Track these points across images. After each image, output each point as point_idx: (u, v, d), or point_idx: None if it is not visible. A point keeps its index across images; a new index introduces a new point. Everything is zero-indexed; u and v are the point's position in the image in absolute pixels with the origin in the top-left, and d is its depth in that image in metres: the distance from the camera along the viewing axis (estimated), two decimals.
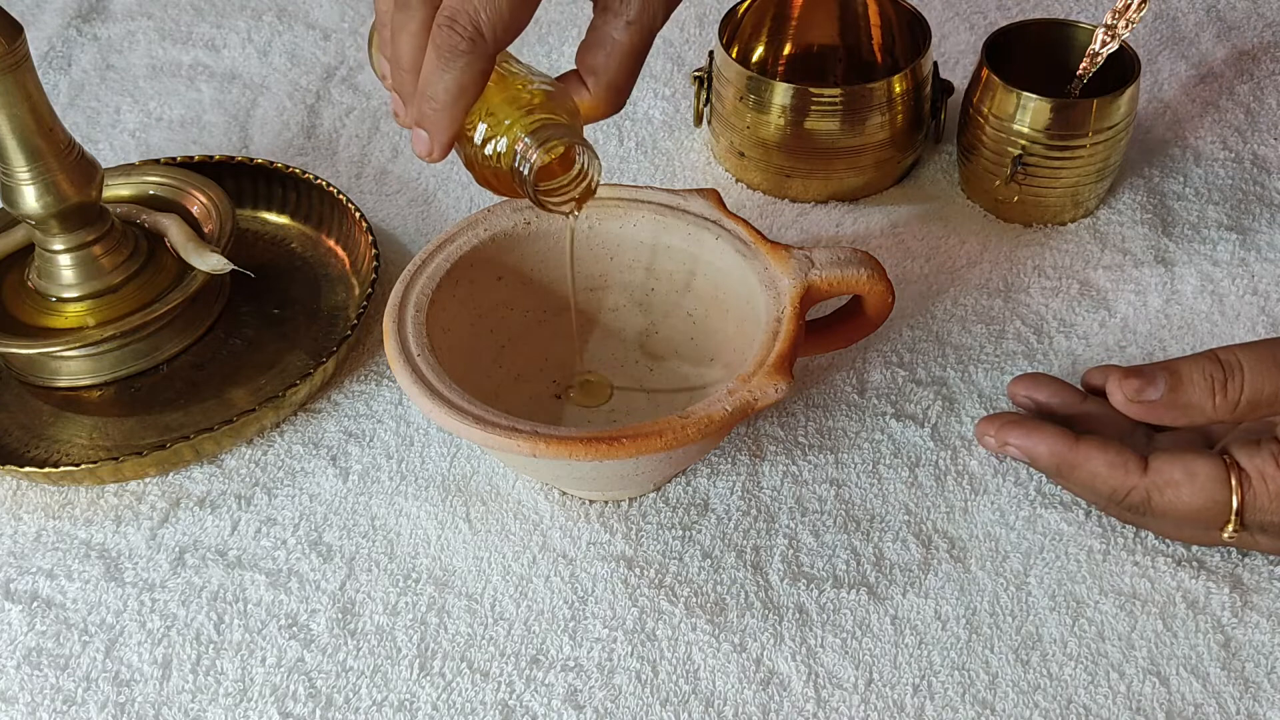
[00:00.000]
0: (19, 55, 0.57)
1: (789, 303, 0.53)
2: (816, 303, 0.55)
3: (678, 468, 0.58)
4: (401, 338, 0.54)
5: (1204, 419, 0.52)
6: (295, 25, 0.91)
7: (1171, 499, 0.52)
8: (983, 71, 0.69)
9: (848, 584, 0.55)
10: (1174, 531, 0.55)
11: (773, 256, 0.55)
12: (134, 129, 0.83)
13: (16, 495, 0.61)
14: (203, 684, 0.53)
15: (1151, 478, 0.52)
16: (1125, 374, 0.53)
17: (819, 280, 0.54)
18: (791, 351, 0.52)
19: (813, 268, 0.54)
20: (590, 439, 0.49)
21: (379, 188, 0.77)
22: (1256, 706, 0.50)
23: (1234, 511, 0.51)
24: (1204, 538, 0.54)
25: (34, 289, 0.64)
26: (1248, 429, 0.54)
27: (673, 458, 0.53)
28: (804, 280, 0.54)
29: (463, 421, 0.50)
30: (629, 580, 0.55)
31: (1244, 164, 0.75)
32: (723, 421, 0.50)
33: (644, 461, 0.52)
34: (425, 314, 0.55)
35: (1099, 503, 0.55)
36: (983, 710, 0.51)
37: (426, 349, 0.53)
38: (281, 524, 0.59)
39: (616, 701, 0.52)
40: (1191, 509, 0.52)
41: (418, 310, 0.55)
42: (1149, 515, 0.53)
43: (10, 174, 0.60)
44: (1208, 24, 0.87)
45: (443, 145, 0.50)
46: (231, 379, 0.65)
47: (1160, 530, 0.55)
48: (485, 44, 0.47)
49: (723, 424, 0.50)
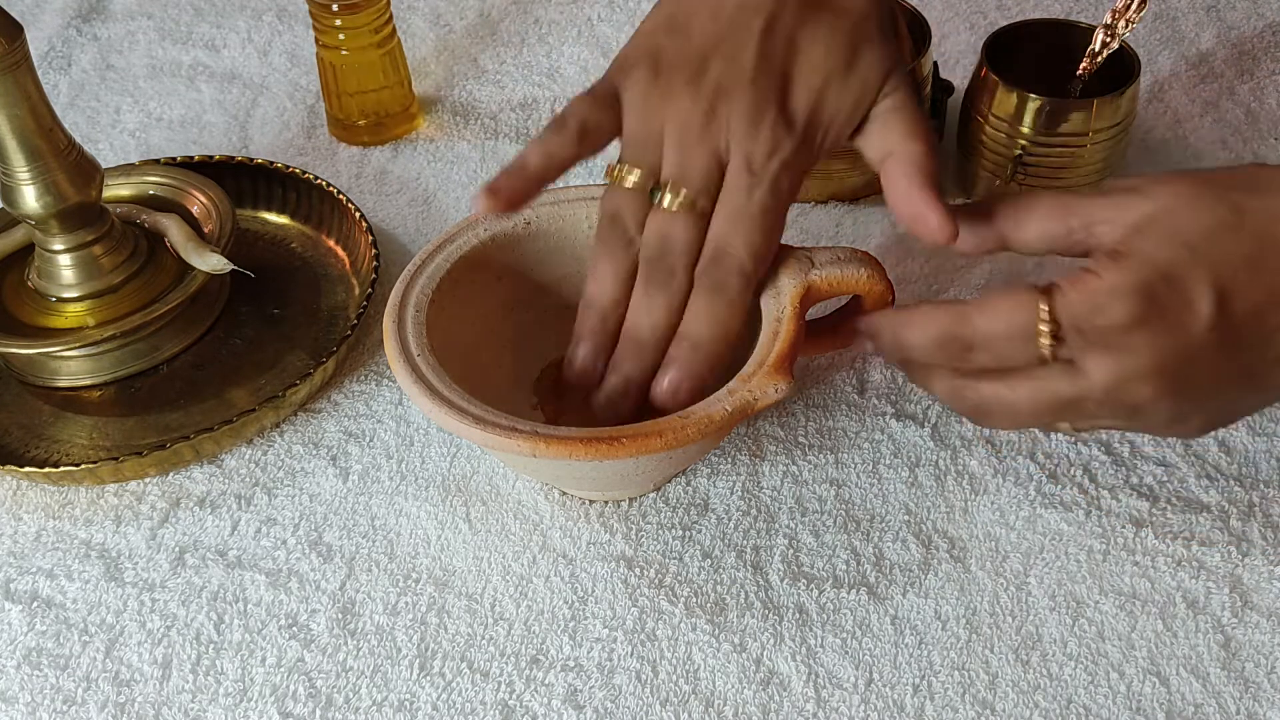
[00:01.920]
0: (19, 55, 0.57)
1: (789, 302, 0.53)
2: (817, 302, 0.55)
3: (678, 467, 0.58)
4: (401, 338, 0.54)
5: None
6: (295, 25, 0.91)
7: (990, 316, 0.48)
8: (983, 71, 0.69)
9: (848, 584, 0.55)
10: (998, 364, 0.49)
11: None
12: (134, 129, 0.83)
13: (16, 495, 0.61)
14: (203, 684, 0.53)
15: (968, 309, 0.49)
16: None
17: (819, 280, 0.54)
18: (791, 351, 0.52)
19: (813, 268, 0.54)
20: (590, 439, 0.49)
21: (379, 188, 0.77)
22: (1256, 706, 0.50)
23: (1044, 311, 0.47)
24: (1023, 353, 0.48)
25: (34, 289, 0.64)
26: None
27: (672, 458, 0.53)
28: (804, 280, 0.54)
29: (462, 421, 0.50)
30: (629, 580, 0.55)
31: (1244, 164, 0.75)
32: (722, 421, 0.50)
33: (644, 461, 0.52)
34: (425, 314, 0.55)
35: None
36: (983, 710, 0.51)
37: (426, 349, 0.53)
38: (281, 524, 0.59)
39: (616, 701, 0.52)
40: (1001, 314, 0.48)
41: (418, 310, 0.55)
42: (973, 349, 0.49)
43: (10, 174, 0.60)
44: (1208, 24, 0.87)
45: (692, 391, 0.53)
46: (231, 379, 0.65)
47: (999, 400, 0.50)
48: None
49: (722, 424, 0.50)
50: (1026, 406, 0.49)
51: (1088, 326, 0.46)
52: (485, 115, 0.82)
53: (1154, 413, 0.48)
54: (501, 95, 0.84)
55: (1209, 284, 0.46)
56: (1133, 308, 0.46)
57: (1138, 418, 0.49)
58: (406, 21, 0.90)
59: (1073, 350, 0.47)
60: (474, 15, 0.91)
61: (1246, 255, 0.46)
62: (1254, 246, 0.46)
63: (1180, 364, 0.46)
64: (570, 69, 0.86)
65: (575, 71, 0.86)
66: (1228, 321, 0.46)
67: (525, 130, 0.81)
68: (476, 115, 0.82)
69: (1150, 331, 0.46)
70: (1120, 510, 0.57)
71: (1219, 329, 0.46)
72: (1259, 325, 0.46)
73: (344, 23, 0.75)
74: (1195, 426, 0.50)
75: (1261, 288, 0.46)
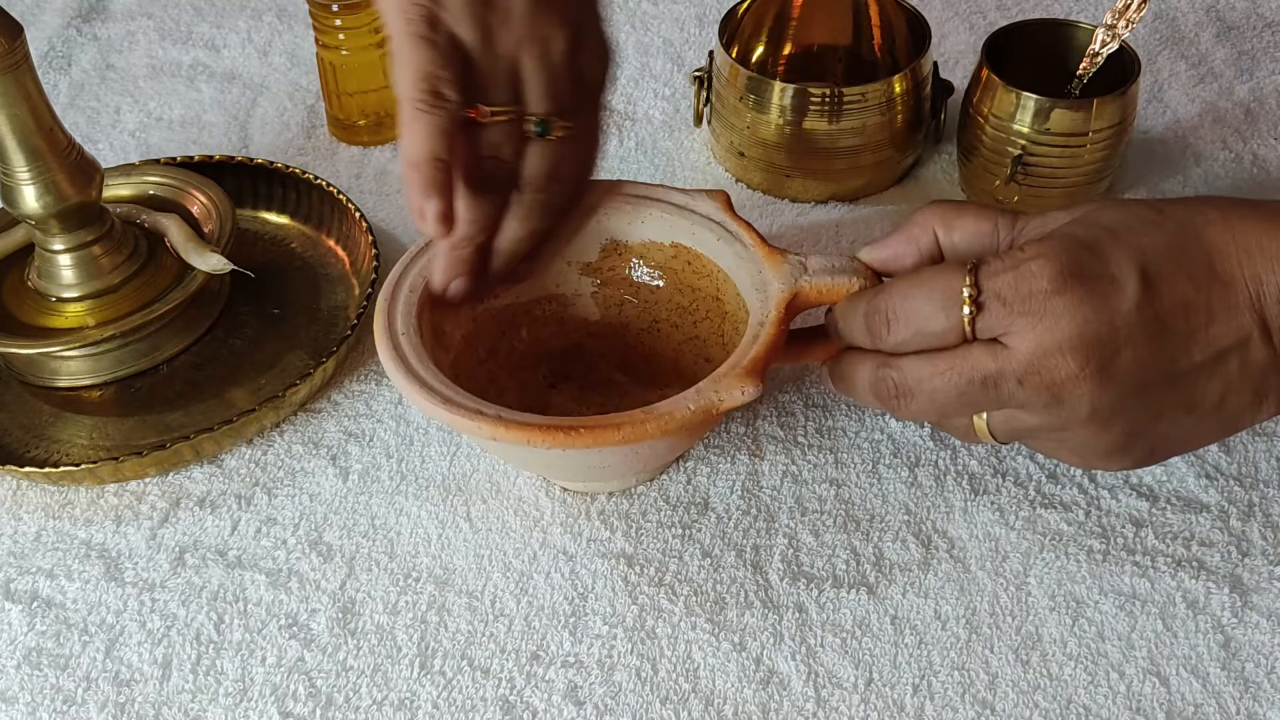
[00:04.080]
0: (19, 55, 0.57)
1: (774, 307, 0.53)
2: (804, 310, 0.54)
3: (658, 462, 0.58)
4: (390, 316, 0.54)
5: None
6: (295, 25, 0.91)
7: (913, 283, 0.49)
8: (983, 71, 0.69)
9: (847, 584, 0.55)
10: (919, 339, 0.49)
11: (767, 260, 0.55)
12: (134, 129, 0.83)
13: (16, 495, 0.61)
14: (203, 684, 0.53)
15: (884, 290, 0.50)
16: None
17: (808, 287, 0.54)
18: (767, 357, 0.52)
19: (804, 274, 0.54)
20: (549, 427, 0.49)
21: (379, 188, 0.77)
22: (1256, 706, 0.50)
23: (968, 280, 0.47)
24: (943, 322, 0.48)
25: (34, 289, 0.64)
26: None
27: (639, 452, 0.53)
28: (793, 286, 0.54)
29: (431, 400, 0.51)
30: (629, 578, 0.55)
31: (1244, 164, 0.75)
32: (684, 420, 0.50)
33: (607, 453, 0.52)
34: (419, 295, 0.55)
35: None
36: (983, 710, 0.51)
37: (414, 329, 0.54)
38: (281, 524, 0.59)
39: (616, 698, 0.52)
40: (924, 282, 0.48)
41: (411, 290, 0.55)
42: (897, 319, 0.49)
43: (10, 174, 0.60)
44: (1208, 24, 0.87)
45: None
46: (231, 379, 0.65)
47: (919, 378, 0.49)
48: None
49: (684, 422, 0.50)
50: (945, 383, 0.48)
51: (1010, 293, 0.46)
52: None
53: (1076, 400, 0.46)
54: None
55: (1134, 264, 0.46)
56: (1056, 272, 0.46)
57: (1060, 406, 0.47)
58: None
59: (993, 320, 0.47)
60: None
61: (1169, 244, 0.47)
62: (1176, 237, 0.47)
63: (1104, 339, 0.46)
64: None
65: None
66: (1153, 306, 0.46)
67: None
68: None
69: (1073, 297, 0.45)
70: (1120, 510, 0.57)
71: (1144, 310, 0.46)
72: (1185, 319, 0.46)
73: (344, 23, 0.75)
74: (1118, 440, 0.48)
75: (1185, 278, 0.46)
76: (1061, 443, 0.50)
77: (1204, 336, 0.46)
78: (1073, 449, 0.50)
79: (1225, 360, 0.47)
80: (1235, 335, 0.46)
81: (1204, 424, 0.48)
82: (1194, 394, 0.47)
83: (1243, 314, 0.46)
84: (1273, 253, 0.46)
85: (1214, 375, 0.47)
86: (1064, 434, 0.49)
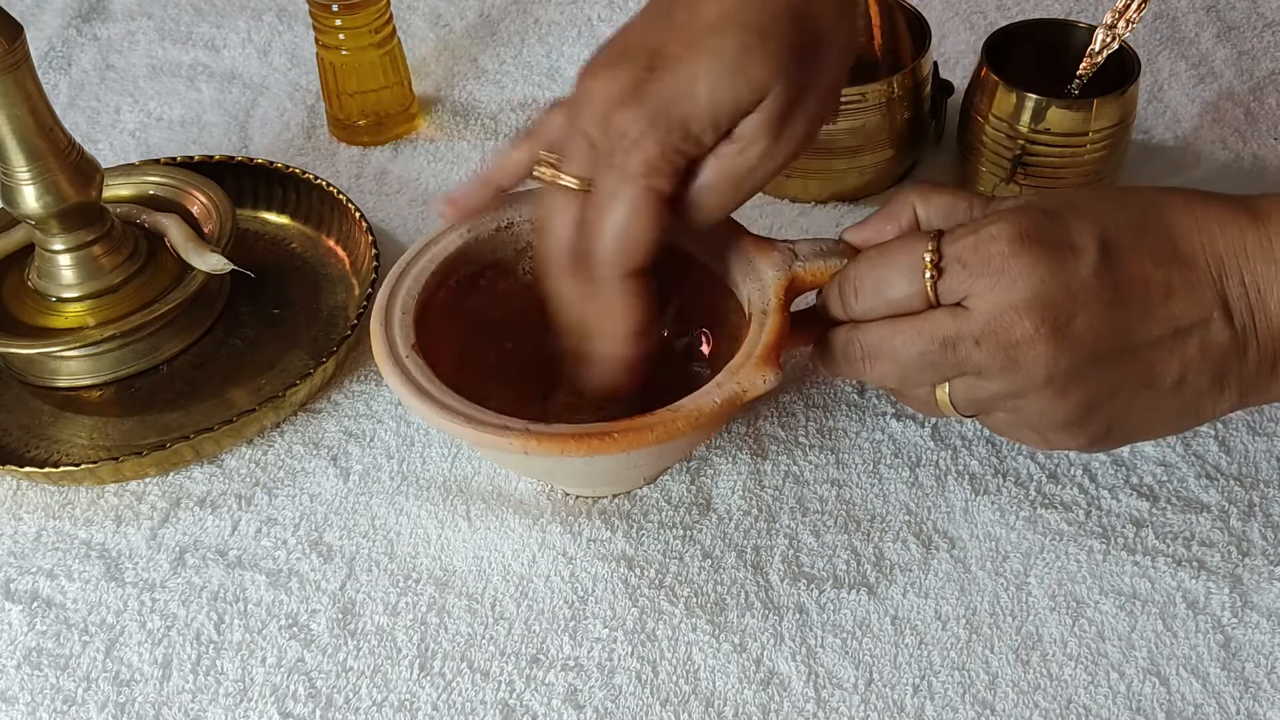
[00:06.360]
0: (19, 55, 0.57)
1: (774, 295, 0.54)
2: (801, 294, 0.55)
3: (669, 461, 0.58)
4: (389, 339, 0.54)
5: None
6: (295, 25, 0.91)
7: (879, 252, 0.50)
8: (983, 71, 0.69)
9: (848, 584, 0.55)
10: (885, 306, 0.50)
11: (757, 251, 0.56)
12: (134, 129, 0.83)
13: (16, 495, 0.61)
14: (203, 684, 0.53)
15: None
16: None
17: (803, 272, 0.54)
18: (778, 343, 0.52)
19: (796, 260, 0.55)
20: (583, 434, 0.49)
21: (379, 188, 0.77)
22: (1256, 706, 0.50)
23: (930, 246, 0.48)
24: (906, 287, 0.49)
25: (34, 289, 0.64)
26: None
27: (663, 451, 0.53)
28: (788, 272, 0.54)
29: (454, 421, 0.50)
30: (629, 580, 0.55)
31: (1244, 164, 0.75)
32: (712, 414, 0.50)
33: (636, 456, 0.52)
34: (412, 315, 0.55)
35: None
36: (983, 710, 0.51)
37: (414, 350, 0.53)
38: (282, 524, 0.59)
39: (616, 701, 0.52)
40: (889, 250, 0.50)
41: (404, 312, 0.55)
42: (864, 287, 0.50)
43: (10, 174, 0.60)
44: (1208, 24, 0.87)
45: None
46: (231, 379, 0.65)
47: (883, 341, 0.50)
48: None
49: (712, 416, 0.50)
50: (906, 344, 0.49)
51: (970, 256, 0.47)
52: (485, 115, 0.82)
53: (1032, 362, 0.46)
54: (501, 95, 0.84)
55: (1094, 233, 0.47)
56: (1015, 235, 0.46)
57: (1016, 369, 0.47)
58: (406, 21, 0.90)
59: (954, 283, 0.47)
60: (474, 15, 0.91)
61: (1132, 221, 0.47)
62: (1139, 216, 0.48)
63: (1059, 301, 0.46)
64: (570, 69, 0.86)
65: (575, 71, 0.85)
66: (1112, 275, 0.46)
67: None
68: (476, 115, 0.82)
69: (1031, 259, 0.46)
70: (1120, 510, 0.57)
71: (1102, 278, 0.46)
72: (1144, 291, 0.46)
73: (344, 23, 0.75)
74: (1075, 411, 0.48)
75: (1146, 252, 0.47)
76: (1018, 413, 0.49)
77: (1163, 312, 0.46)
78: (1030, 424, 0.50)
79: (1185, 338, 0.47)
80: (1196, 313, 0.46)
81: (1163, 404, 0.48)
82: (1152, 369, 0.47)
83: (1204, 292, 0.46)
84: (1234, 235, 0.47)
85: (1173, 352, 0.47)
86: (1020, 402, 0.49)
